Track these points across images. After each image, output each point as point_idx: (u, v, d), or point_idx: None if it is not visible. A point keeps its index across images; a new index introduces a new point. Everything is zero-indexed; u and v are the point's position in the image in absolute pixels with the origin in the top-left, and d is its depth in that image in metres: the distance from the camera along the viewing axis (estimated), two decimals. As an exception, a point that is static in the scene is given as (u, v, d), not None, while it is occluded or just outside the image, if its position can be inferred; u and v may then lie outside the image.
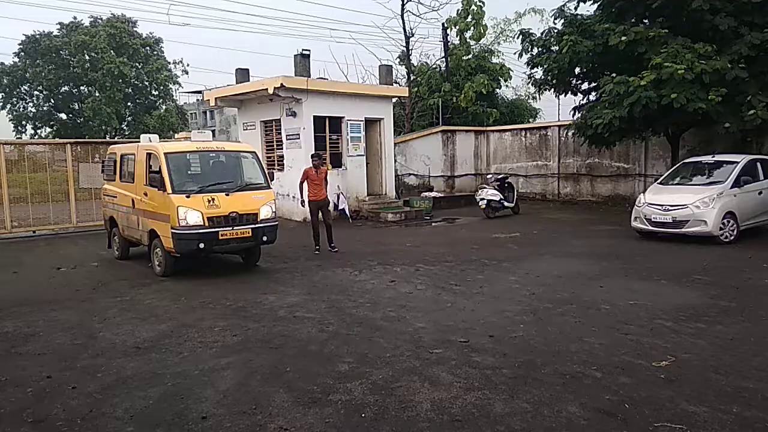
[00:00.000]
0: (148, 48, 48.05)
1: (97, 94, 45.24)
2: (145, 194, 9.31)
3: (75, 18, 46.52)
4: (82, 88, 47.09)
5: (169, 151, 9.12)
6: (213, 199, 8.76)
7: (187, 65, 50.94)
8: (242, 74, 17.88)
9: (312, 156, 11.54)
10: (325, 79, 17.96)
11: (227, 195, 8.92)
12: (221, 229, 8.76)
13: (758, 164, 12.25)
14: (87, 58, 44.39)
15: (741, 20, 13.19)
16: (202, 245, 8.64)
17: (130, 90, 47.46)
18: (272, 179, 9.51)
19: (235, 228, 8.87)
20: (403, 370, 5.01)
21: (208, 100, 18.11)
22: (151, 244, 9.39)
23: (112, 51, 44.13)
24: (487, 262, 9.90)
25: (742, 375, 4.76)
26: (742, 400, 4.28)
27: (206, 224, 8.64)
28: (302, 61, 16.80)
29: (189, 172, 9.42)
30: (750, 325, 6.12)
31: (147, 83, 48.08)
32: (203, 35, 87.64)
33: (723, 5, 13.11)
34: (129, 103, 48.28)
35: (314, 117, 15.74)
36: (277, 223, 9.50)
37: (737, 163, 11.93)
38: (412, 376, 4.86)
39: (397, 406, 4.30)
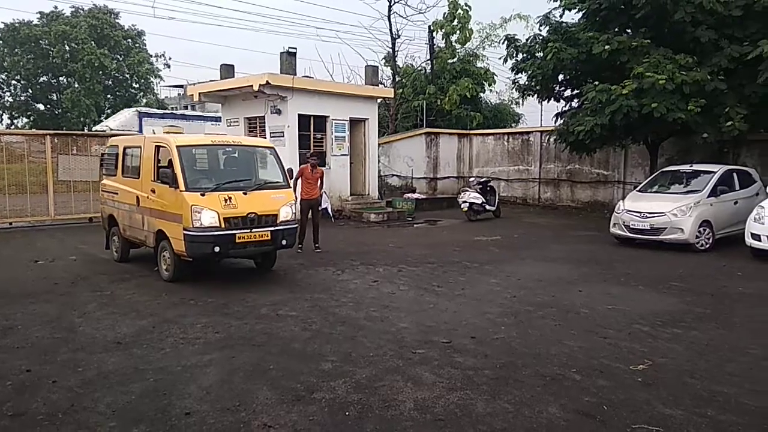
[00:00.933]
0: (129, 40, 47.42)
1: (76, 86, 44.51)
2: (153, 191, 8.54)
3: (56, 7, 45.75)
4: (61, 78, 46.28)
5: (182, 144, 8.29)
6: (230, 198, 7.97)
7: (169, 59, 50.39)
8: (227, 70, 17.75)
9: (311, 155, 11.69)
10: (310, 77, 17.91)
11: (245, 194, 8.15)
12: (238, 231, 7.95)
13: (734, 174, 12.54)
14: (67, 48, 43.65)
15: (721, 33, 13.50)
16: (217, 249, 7.84)
17: (110, 82, 46.79)
18: (291, 177, 8.84)
19: (253, 230, 8.07)
20: (386, 370, 5.04)
21: (191, 94, 17.94)
22: (158, 246, 8.60)
23: (92, 42, 43.45)
24: (469, 264, 9.99)
25: (716, 380, 4.88)
26: (717, 404, 4.40)
27: (222, 226, 7.83)
28: (288, 58, 16.75)
29: (203, 168, 8.73)
30: (724, 332, 6.27)
31: (128, 76, 47.43)
32: (188, 29, 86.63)
33: (704, 18, 13.39)
34: (109, 96, 47.55)
35: (299, 115, 15.71)
36: (297, 225, 8.79)
37: (714, 173, 12.19)
38: (395, 376, 4.90)
39: (381, 405, 4.34)
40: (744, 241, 10.67)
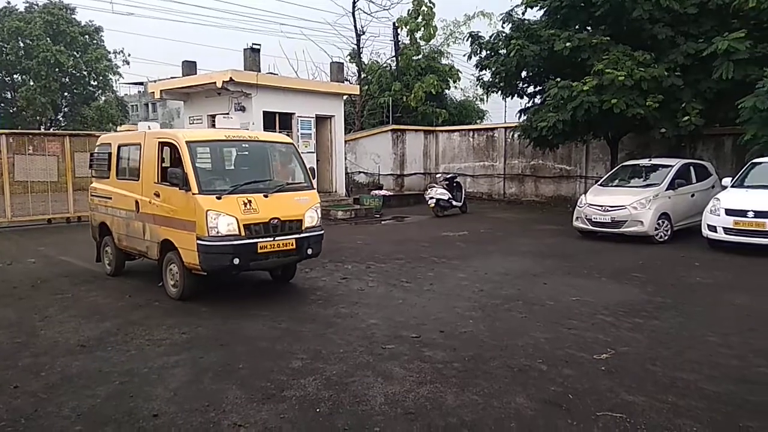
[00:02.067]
0: (87, 36, 46.11)
1: (31, 83, 43.11)
2: (157, 195, 7.47)
3: (9, 3, 44.23)
4: (15, 76, 44.75)
5: (192, 140, 7.26)
6: (249, 202, 6.94)
7: (129, 55, 49.22)
8: (189, 67, 17.49)
9: None
10: (275, 74, 17.80)
11: (266, 197, 7.12)
12: (260, 240, 6.94)
13: (691, 168, 12.94)
14: (21, 45, 42.21)
15: (677, 30, 13.91)
16: (236, 261, 6.81)
17: (67, 80, 45.45)
18: (314, 176, 8.11)
19: (276, 238, 7.06)
20: (356, 366, 5.06)
21: (152, 92, 17.63)
22: (163, 258, 7.49)
23: (48, 38, 42.15)
24: (437, 259, 10.08)
25: (676, 366, 5.05)
26: (677, 389, 4.55)
27: (242, 233, 6.82)
28: (252, 55, 16.60)
29: (218, 167, 7.85)
30: (683, 320, 6.48)
31: (85, 73, 46.13)
32: (148, 25, 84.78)
33: (661, 15, 13.77)
34: (66, 93, 46.20)
35: (264, 112, 15.58)
36: (322, 231, 7.75)
37: (672, 166, 12.56)
38: (365, 371, 4.93)
39: (352, 401, 4.36)
40: (701, 233, 11.03)
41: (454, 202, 16.87)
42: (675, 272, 9.03)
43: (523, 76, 16.78)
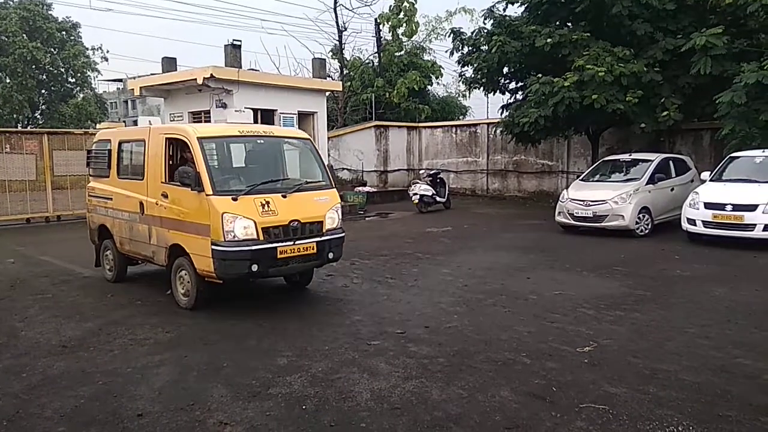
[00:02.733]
0: (64, 33, 45.40)
1: (7, 80, 42.34)
2: (164, 195, 6.91)
3: (-17, -2, 43.40)
4: (-9, 73, 43.99)
5: (204, 136, 6.67)
6: (267, 203, 6.41)
7: (107, 52, 48.56)
8: (169, 63, 17.29)
9: None
10: (256, 70, 17.69)
11: (284, 197, 6.60)
12: (280, 244, 6.40)
13: (671, 162, 13.12)
14: (-4, 41, 41.50)
15: (656, 26, 14.08)
16: (255, 267, 6.27)
17: (44, 77, 44.71)
18: (331, 174, 7.50)
19: (296, 242, 6.55)
20: (342, 362, 5.07)
21: (132, 88, 17.43)
22: (172, 264, 6.95)
23: (24, 35, 41.43)
24: (421, 255, 10.11)
25: (657, 358, 5.13)
26: (658, 381, 4.63)
27: (260, 237, 6.30)
28: (233, 51, 16.46)
29: (231, 166, 7.32)
30: (664, 312, 6.58)
31: (63, 70, 45.42)
32: (127, 21, 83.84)
33: (640, 11, 13.93)
34: (43, 91, 45.45)
35: (245, 109, 15.44)
36: (344, 234, 7.24)
37: (652, 161, 12.72)
38: (351, 368, 4.94)
39: (338, 397, 4.37)
40: (681, 226, 11.20)
41: (437, 198, 16.92)
42: (655, 265, 9.15)
43: (504, 72, 16.89)
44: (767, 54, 11.75)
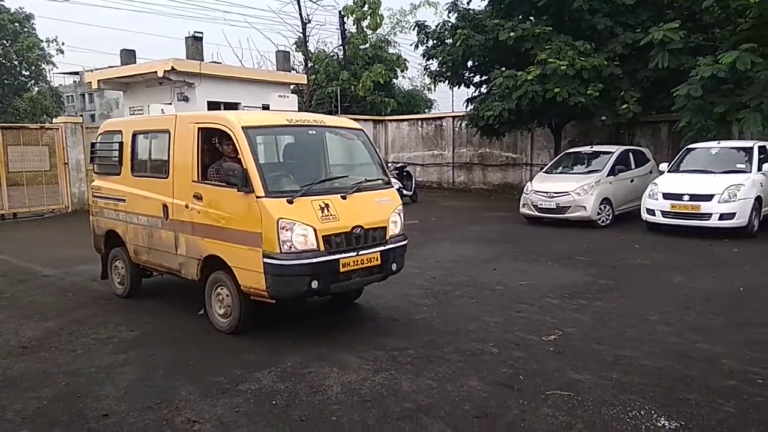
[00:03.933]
0: (17, 24, 43.85)
1: (-43, 73, 40.82)
2: (198, 197, 5.74)
3: (-72, -13, 41.54)
4: (-62, 65, 42.21)
5: (250, 125, 5.52)
6: (327, 206, 5.33)
7: (63, 44, 47.18)
8: (128, 55, 16.88)
9: None
10: (219, 63, 17.40)
11: (343, 198, 5.51)
12: (342, 255, 5.34)
13: (630, 154, 13.44)
14: (-56, 33, 39.86)
15: (616, 21, 14.39)
16: (315, 284, 5.20)
17: (-4, 69, 43.22)
18: (394, 173, 6.44)
19: (360, 253, 5.47)
20: (311, 357, 5.05)
21: (89, 82, 17.00)
22: (206, 278, 5.88)
23: (-26, 26, 39.92)
24: (388, 248, 10.12)
25: (619, 345, 5.27)
26: (620, 366, 4.76)
27: (321, 248, 5.22)
28: (194, 43, 16.19)
29: (281, 161, 6.33)
30: (626, 301, 6.76)
31: (16, 62, 43.90)
32: (83, 13, 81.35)
33: (600, 6, 14.22)
34: (-5, 84, 43.94)
35: (208, 102, 15.22)
36: (406, 242, 6.19)
37: (612, 153, 13.00)
38: (321, 362, 4.93)
39: (308, 392, 4.36)
40: (640, 216, 11.50)
41: (404, 191, 16.92)
42: (616, 255, 9.38)
43: (469, 66, 17.03)
44: (722, 48, 12.10)
